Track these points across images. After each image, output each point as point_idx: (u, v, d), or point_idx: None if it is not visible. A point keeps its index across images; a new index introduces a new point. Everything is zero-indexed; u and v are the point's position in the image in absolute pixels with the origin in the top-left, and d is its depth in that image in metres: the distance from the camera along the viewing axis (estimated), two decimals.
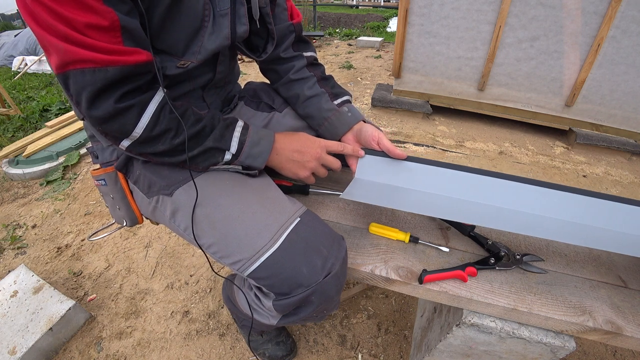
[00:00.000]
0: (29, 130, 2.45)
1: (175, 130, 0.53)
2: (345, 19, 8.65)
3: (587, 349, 1.02)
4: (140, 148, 0.53)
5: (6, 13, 13.74)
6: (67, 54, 0.43)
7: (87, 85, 0.45)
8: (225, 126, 0.59)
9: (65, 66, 0.44)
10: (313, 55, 0.79)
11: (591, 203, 0.60)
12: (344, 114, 0.73)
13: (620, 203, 0.60)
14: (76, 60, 0.43)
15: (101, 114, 0.47)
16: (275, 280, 0.55)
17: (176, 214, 0.61)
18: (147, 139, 0.52)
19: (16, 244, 1.41)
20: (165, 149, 0.54)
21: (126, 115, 0.49)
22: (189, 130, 0.54)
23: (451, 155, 2.12)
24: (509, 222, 0.59)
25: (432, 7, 2.14)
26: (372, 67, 4.02)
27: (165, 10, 0.49)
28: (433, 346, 0.73)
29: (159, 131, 0.52)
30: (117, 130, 0.50)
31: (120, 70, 0.46)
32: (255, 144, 0.61)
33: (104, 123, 0.49)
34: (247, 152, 0.60)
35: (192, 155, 0.56)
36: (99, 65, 0.44)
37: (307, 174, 0.66)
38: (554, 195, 0.61)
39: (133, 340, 1.04)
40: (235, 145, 0.59)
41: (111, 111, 0.47)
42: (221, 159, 0.59)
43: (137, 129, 0.50)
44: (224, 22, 0.55)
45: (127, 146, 0.53)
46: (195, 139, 0.56)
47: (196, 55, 0.55)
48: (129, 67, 0.46)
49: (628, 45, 1.87)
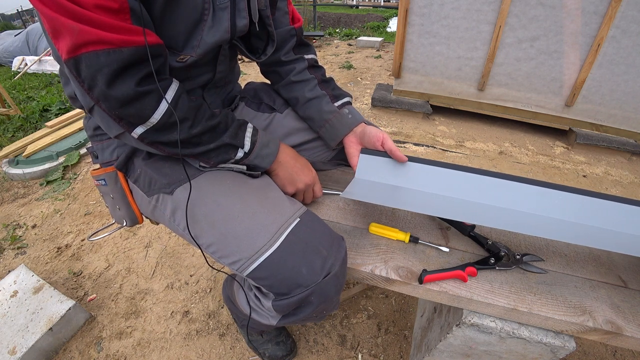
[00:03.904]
0: (29, 130, 2.45)
1: (193, 119, 0.54)
2: (345, 19, 8.65)
3: (587, 349, 1.02)
4: (154, 136, 0.53)
5: (6, 13, 13.76)
6: (81, 35, 0.42)
7: (103, 66, 0.44)
8: (239, 125, 0.62)
9: (78, 49, 0.43)
10: (314, 58, 0.80)
11: (591, 203, 0.60)
12: (344, 116, 0.73)
13: (620, 203, 0.60)
14: (90, 42, 0.43)
15: (121, 94, 0.46)
16: (275, 281, 0.55)
17: (176, 213, 0.61)
18: (164, 126, 0.52)
19: (16, 244, 1.41)
20: (182, 138, 0.54)
21: (146, 100, 0.49)
22: (206, 123, 0.55)
23: (451, 155, 2.12)
24: (509, 222, 0.59)
25: (432, 7, 2.14)
26: (372, 67, 4.02)
27: (164, 3, 0.49)
28: (433, 346, 0.72)
29: (177, 119, 0.52)
30: (135, 115, 0.49)
31: (135, 51, 0.45)
32: (265, 145, 0.64)
33: (123, 106, 0.48)
34: (257, 152, 0.63)
35: (208, 149, 0.57)
36: (113, 46, 0.44)
37: (293, 192, 0.70)
38: (554, 195, 0.61)
39: (133, 340, 1.04)
40: (248, 144, 0.62)
41: (132, 94, 0.47)
42: (234, 156, 0.61)
43: (155, 114, 0.50)
44: (224, 15, 0.55)
45: (140, 133, 0.52)
46: (210, 133, 0.57)
47: (195, 49, 0.55)
48: (142, 48, 0.46)
49: (628, 45, 1.87)
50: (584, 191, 0.61)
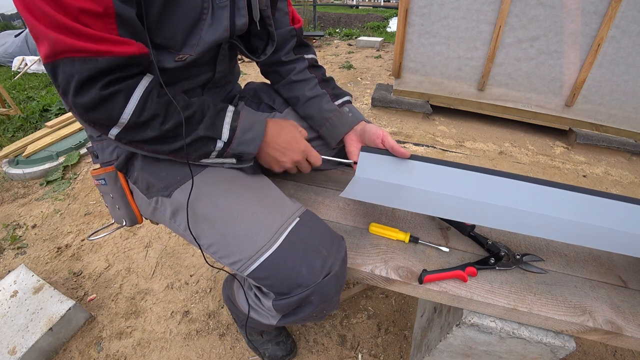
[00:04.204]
0: (29, 130, 2.45)
1: (164, 115, 0.52)
2: (345, 19, 8.65)
3: (587, 349, 1.02)
4: (129, 135, 0.52)
5: (6, 13, 13.76)
6: (58, 44, 0.42)
7: (75, 73, 0.44)
8: (216, 113, 0.57)
9: (55, 55, 0.43)
10: (314, 58, 0.80)
11: (592, 201, 0.60)
12: (344, 115, 0.73)
13: (621, 202, 0.59)
14: (67, 50, 0.43)
15: (86, 101, 0.46)
16: (275, 280, 0.55)
17: (176, 214, 0.61)
18: (135, 125, 0.50)
19: (16, 244, 1.41)
20: (155, 135, 0.52)
21: (112, 102, 0.48)
22: (178, 116, 0.53)
23: (451, 155, 2.12)
24: (510, 221, 0.59)
25: (432, 7, 2.14)
26: (372, 67, 4.02)
27: (163, 2, 0.49)
28: (433, 346, 0.72)
29: (147, 117, 0.50)
30: (104, 118, 0.49)
31: (112, 61, 0.45)
32: (248, 129, 0.59)
33: (90, 111, 0.47)
34: (239, 138, 0.59)
35: (183, 144, 0.55)
36: (90, 55, 0.43)
37: (279, 170, 0.68)
38: (556, 193, 0.61)
39: (133, 340, 1.04)
40: (226, 132, 0.57)
41: (96, 99, 0.46)
42: (213, 148, 0.58)
43: (124, 115, 0.49)
44: (223, 14, 0.55)
45: (116, 134, 0.51)
46: (186, 126, 0.54)
47: (194, 48, 0.55)
48: (120, 58, 0.46)
49: (628, 45, 1.87)
50: (585, 189, 0.61)
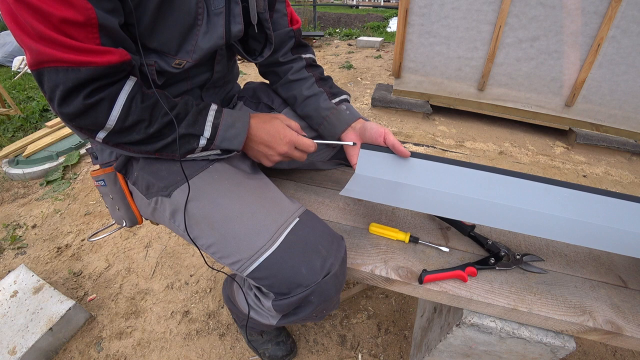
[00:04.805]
0: (29, 130, 2.45)
1: (149, 120, 0.53)
2: (345, 19, 8.65)
3: (587, 349, 1.02)
4: (116, 138, 0.53)
5: None
6: (41, 54, 0.43)
7: (59, 83, 0.45)
8: (198, 111, 0.58)
9: (40, 64, 0.44)
10: (312, 57, 0.80)
11: (593, 200, 0.60)
12: (342, 112, 0.73)
13: (623, 200, 0.59)
14: (50, 60, 0.44)
15: (71, 110, 0.47)
16: (275, 280, 0.55)
17: (176, 214, 0.61)
18: (121, 130, 0.52)
19: (16, 244, 1.41)
20: (141, 138, 0.54)
21: (97, 109, 0.49)
22: (162, 119, 0.54)
23: (451, 155, 2.12)
24: (510, 221, 0.59)
25: (432, 7, 2.14)
26: (372, 67, 4.02)
27: (156, 7, 0.49)
28: (433, 346, 0.72)
29: (132, 122, 0.52)
30: (90, 124, 0.50)
31: (94, 71, 0.46)
32: (230, 126, 0.60)
33: (75, 119, 0.49)
34: (222, 135, 0.59)
35: (167, 142, 0.56)
36: (72, 65, 0.44)
37: (270, 164, 0.67)
38: (557, 191, 0.60)
39: (133, 340, 1.04)
40: (209, 129, 0.58)
41: (81, 107, 0.47)
42: (196, 145, 0.58)
43: (109, 121, 0.50)
44: (219, 21, 0.55)
45: (103, 138, 0.53)
46: (169, 127, 0.55)
47: (191, 55, 0.55)
48: (102, 68, 0.46)
49: (628, 45, 1.86)
50: (585, 187, 0.60)
